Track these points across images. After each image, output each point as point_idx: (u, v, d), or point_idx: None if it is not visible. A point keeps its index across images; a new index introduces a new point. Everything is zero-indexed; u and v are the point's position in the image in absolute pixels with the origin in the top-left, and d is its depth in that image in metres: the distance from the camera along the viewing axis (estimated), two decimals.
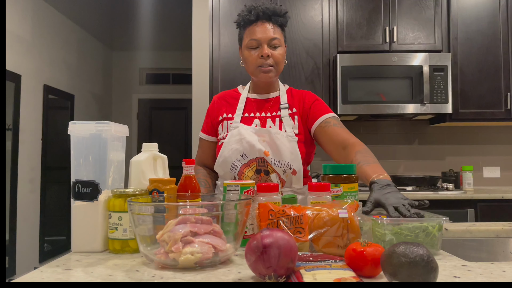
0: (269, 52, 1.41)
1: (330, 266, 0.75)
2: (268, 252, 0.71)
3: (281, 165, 1.40)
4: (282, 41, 1.45)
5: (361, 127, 3.40)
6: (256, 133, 1.42)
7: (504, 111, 3.01)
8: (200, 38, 3.18)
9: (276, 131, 1.43)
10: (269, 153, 1.40)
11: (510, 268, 0.81)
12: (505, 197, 2.69)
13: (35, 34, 4.16)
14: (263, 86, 1.51)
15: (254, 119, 1.48)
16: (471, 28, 3.03)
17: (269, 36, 1.41)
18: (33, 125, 4.13)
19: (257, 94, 1.54)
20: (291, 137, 1.43)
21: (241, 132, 1.42)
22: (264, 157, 1.40)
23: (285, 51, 1.48)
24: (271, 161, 1.40)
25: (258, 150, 1.39)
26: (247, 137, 1.40)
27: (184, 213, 0.86)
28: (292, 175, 1.43)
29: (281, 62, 1.45)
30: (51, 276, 0.78)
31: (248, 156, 1.41)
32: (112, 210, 0.98)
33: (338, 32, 3.05)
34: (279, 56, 1.43)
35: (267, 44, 1.42)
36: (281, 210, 0.94)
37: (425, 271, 0.65)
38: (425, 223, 0.93)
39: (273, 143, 1.41)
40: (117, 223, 0.96)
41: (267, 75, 1.44)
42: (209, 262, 0.83)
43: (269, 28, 1.42)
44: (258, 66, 1.43)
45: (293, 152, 1.42)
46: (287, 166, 1.41)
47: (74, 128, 1.04)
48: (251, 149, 1.40)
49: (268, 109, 1.50)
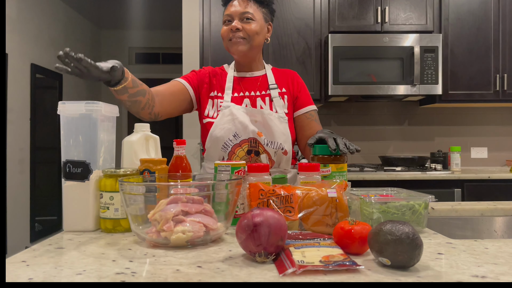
0: (239, 25, 1.42)
1: (319, 244, 0.77)
2: (258, 231, 0.72)
3: (274, 146, 1.42)
4: (257, 17, 1.45)
5: (351, 108, 3.42)
6: (247, 113, 1.43)
7: (493, 92, 3.03)
8: (190, 17, 3.14)
9: (269, 112, 1.44)
10: (262, 133, 1.41)
11: (493, 245, 0.84)
12: (492, 177, 2.74)
13: (21, 12, 4.05)
14: (244, 63, 1.51)
15: (244, 99, 1.48)
16: (463, 9, 3.03)
17: (241, 10, 1.43)
18: (21, 105, 4.07)
19: (242, 72, 1.54)
20: (282, 118, 1.45)
21: (233, 112, 1.42)
22: (257, 138, 1.41)
23: (262, 27, 1.46)
24: (264, 141, 1.41)
25: (251, 131, 1.40)
26: (239, 117, 1.41)
27: (175, 193, 0.87)
28: (283, 155, 1.44)
29: (254, 35, 1.44)
30: (43, 254, 0.79)
31: (240, 137, 1.41)
32: (103, 190, 0.98)
33: (330, 12, 3.02)
34: (251, 29, 1.43)
35: (238, 18, 1.44)
36: (271, 189, 0.96)
37: (410, 248, 0.67)
38: (412, 202, 0.95)
39: (266, 124, 1.42)
40: (108, 203, 0.97)
41: (237, 48, 1.44)
42: (200, 240, 0.85)
43: (242, 3, 1.44)
44: (229, 39, 1.45)
45: (284, 133, 1.44)
46: (280, 147, 1.42)
47: (64, 108, 1.03)
48: (244, 129, 1.41)
49: (257, 88, 1.51)
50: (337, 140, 1.21)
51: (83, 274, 0.67)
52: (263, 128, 1.42)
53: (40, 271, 0.69)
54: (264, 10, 1.49)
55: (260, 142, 1.41)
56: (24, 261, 0.75)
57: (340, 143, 1.20)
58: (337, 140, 1.21)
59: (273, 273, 0.67)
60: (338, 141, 1.20)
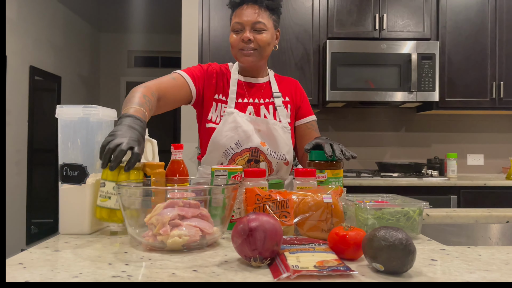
0: (251, 36, 1.39)
1: (314, 249, 0.78)
2: (254, 235, 0.73)
3: (277, 156, 1.42)
4: (268, 26, 1.42)
5: (349, 113, 3.43)
6: (251, 121, 1.42)
7: (489, 100, 3.06)
8: (190, 21, 3.15)
9: (274, 122, 1.43)
10: (265, 143, 1.41)
11: (486, 252, 0.85)
12: (487, 184, 2.76)
13: (21, 14, 4.07)
14: (250, 70, 1.50)
15: (247, 106, 1.46)
16: (460, 17, 3.06)
17: (253, 19, 1.39)
18: (19, 107, 4.07)
19: (247, 77, 1.51)
20: (285, 128, 1.45)
21: (237, 120, 1.40)
22: (260, 148, 1.40)
23: (272, 36, 1.45)
24: (267, 151, 1.40)
25: (254, 141, 1.40)
26: (243, 126, 1.39)
27: (172, 197, 0.87)
28: (284, 165, 1.45)
29: (266, 46, 1.42)
30: (40, 257, 0.79)
31: (242, 146, 1.40)
32: (105, 179, 0.98)
33: (328, 18, 3.05)
34: (262, 40, 1.40)
35: (250, 28, 1.40)
36: (267, 194, 0.96)
37: (403, 254, 0.68)
38: (406, 208, 0.96)
39: (270, 134, 1.42)
40: (111, 192, 0.97)
41: (248, 59, 1.42)
42: (196, 244, 0.85)
43: (254, 12, 1.40)
44: (239, 49, 1.42)
45: (288, 143, 1.44)
46: (282, 157, 1.43)
47: (62, 111, 1.03)
48: (247, 138, 1.39)
49: (261, 95, 1.50)
50: (333, 146, 1.23)
51: (79, 277, 0.68)
52: (267, 138, 1.42)
53: (36, 274, 0.69)
54: (274, 17, 1.46)
55: (262, 152, 1.41)
56: (21, 264, 0.75)
57: (336, 149, 1.21)
58: (334, 146, 1.22)
59: (267, 277, 0.68)
60: (335, 147, 1.22)
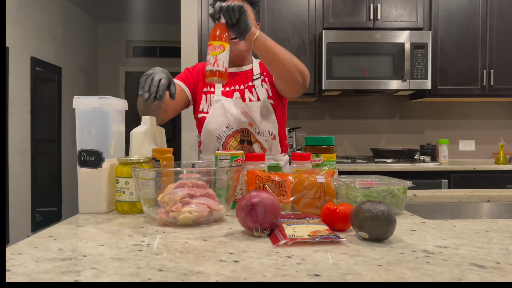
0: None
1: (308, 222, 0.89)
2: (256, 209, 0.84)
3: (264, 134, 1.57)
4: (251, 16, 1.55)
5: (345, 102, 3.53)
6: (236, 105, 1.57)
7: (480, 87, 3.16)
8: (189, 10, 3.22)
9: (253, 104, 1.57)
10: (252, 124, 1.56)
11: (460, 224, 0.96)
12: (477, 169, 2.88)
13: (21, 5, 4.12)
14: (234, 59, 1.62)
15: (234, 92, 1.62)
16: (452, 7, 3.14)
17: None
18: (22, 97, 4.15)
19: (232, 68, 1.64)
20: (266, 106, 1.58)
21: (225, 106, 1.56)
22: (249, 128, 1.55)
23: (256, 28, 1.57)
24: (254, 131, 1.56)
25: (242, 122, 1.55)
26: (230, 110, 1.55)
27: (183, 177, 0.98)
28: (273, 140, 1.59)
29: None
30: (67, 231, 0.90)
31: (232, 128, 1.56)
32: (119, 176, 1.09)
33: (324, 9, 3.13)
34: None
35: None
36: (267, 176, 1.07)
37: (385, 223, 0.78)
38: (392, 187, 1.06)
39: (253, 115, 1.56)
40: (124, 187, 1.08)
41: (236, 47, 1.55)
42: (204, 220, 0.96)
43: None
44: None
45: (270, 120, 1.58)
46: (269, 134, 1.57)
47: (79, 102, 1.13)
48: (235, 120, 1.55)
49: (245, 81, 1.64)
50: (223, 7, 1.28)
51: (105, 245, 0.78)
52: (252, 119, 1.56)
53: (67, 243, 0.80)
54: (254, 11, 1.61)
55: (251, 132, 1.56)
56: (51, 236, 0.86)
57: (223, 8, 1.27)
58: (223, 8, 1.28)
59: (268, 244, 0.79)
60: None
